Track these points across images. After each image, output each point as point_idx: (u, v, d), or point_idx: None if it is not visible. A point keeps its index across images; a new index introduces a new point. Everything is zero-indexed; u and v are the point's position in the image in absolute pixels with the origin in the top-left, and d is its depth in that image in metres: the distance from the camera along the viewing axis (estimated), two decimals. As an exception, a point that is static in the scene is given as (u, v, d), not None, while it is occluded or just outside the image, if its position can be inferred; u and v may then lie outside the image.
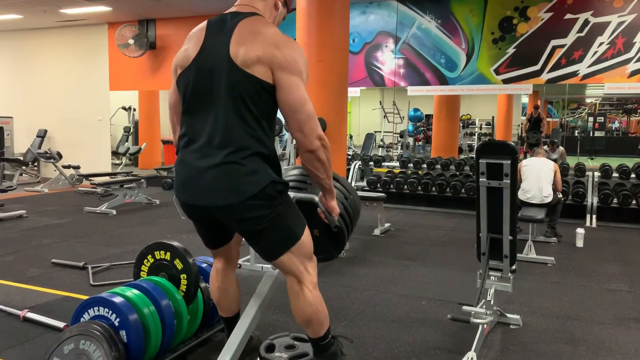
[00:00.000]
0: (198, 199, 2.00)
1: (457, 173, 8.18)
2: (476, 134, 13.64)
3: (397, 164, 8.72)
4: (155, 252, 2.86)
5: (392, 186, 7.98)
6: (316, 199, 2.18)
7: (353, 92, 9.53)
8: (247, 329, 2.27)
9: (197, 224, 2.24)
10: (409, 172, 8.36)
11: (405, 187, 7.96)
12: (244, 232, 2.10)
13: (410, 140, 13.00)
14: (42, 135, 10.42)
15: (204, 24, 2.08)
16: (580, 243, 5.52)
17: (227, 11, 2.08)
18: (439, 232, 6.25)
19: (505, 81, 7.73)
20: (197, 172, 1.97)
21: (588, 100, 16.62)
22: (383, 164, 8.88)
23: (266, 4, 2.10)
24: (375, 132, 12.93)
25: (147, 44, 9.64)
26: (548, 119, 13.87)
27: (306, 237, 2.12)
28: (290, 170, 2.47)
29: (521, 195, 5.31)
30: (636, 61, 7.03)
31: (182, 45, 2.11)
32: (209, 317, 2.95)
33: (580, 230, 5.56)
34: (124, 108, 12.53)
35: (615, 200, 6.87)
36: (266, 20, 2.05)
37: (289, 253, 2.07)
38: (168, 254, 2.82)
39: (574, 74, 7.33)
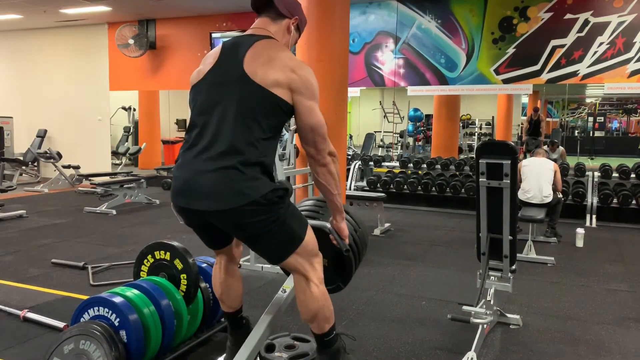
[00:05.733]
0: (196, 204, 1.98)
1: (457, 173, 8.18)
2: (476, 134, 13.65)
3: (397, 164, 8.72)
4: (155, 252, 2.86)
5: (392, 186, 7.98)
6: (328, 225, 2.25)
7: (353, 92, 9.52)
8: (254, 347, 2.27)
9: (196, 229, 2.22)
10: (409, 172, 8.37)
11: (405, 187, 7.96)
12: (245, 238, 2.10)
13: (410, 140, 13.00)
14: (42, 135, 10.41)
15: (219, 46, 2.16)
16: (580, 243, 5.52)
17: (242, 34, 2.16)
18: (439, 232, 6.25)
19: (505, 81, 7.72)
20: (195, 175, 1.97)
21: (588, 100, 16.62)
22: (383, 164, 8.88)
23: (279, 27, 2.16)
24: (375, 132, 12.93)
25: (147, 44, 9.64)
26: (548, 119, 13.87)
27: (309, 236, 2.14)
28: (304, 201, 2.57)
29: (521, 195, 5.31)
30: (636, 61, 7.02)
31: (199, 65, 2.18)
32: (209, 317, 2.95)
33: (580, 230, 5.57)
34: (124, 108, 12.52)
35: (615, 200, 6.87)
36: (280, 44, 2.14)
37: (294, 254, 2.09)
38: (168, 254, 2.82)
39: (574, 74, 7.33)
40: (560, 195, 5.56)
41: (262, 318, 2.34)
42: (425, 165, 8.33)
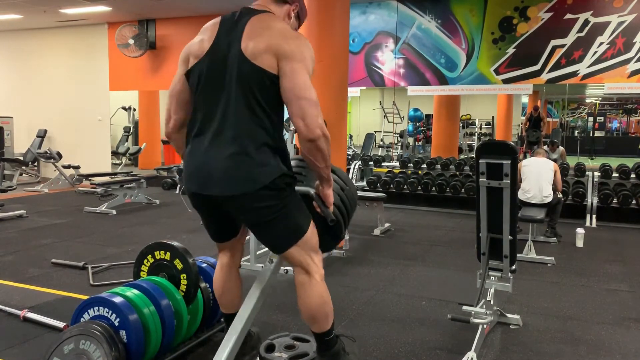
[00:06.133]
0: (209, 189, 2.02)
1: (457, 173, 8.18)
2: (476, 134, 13.64)
3: (397, 164, 8.72)
4: (155, 252, 2.86)
5: (392, 186, 7.97)
6: (312, 191, 2.18)
7: (353, 92, 9.52)
8: (246, 319, 2.24)
9: (205, 216, 2.26)
10: (409, 172, 8.36)
11: (405, 187, 7.96)
12: (252, 223, 2.12)
13: (410, 140, 13.00)
14: (42, 135, 10.41)
15: (217, 19, 2.13)
16: (580, 243, 5.52)
17: (242, 8, 2.12)
18: (439, 232, 6.25)
19: (505, 81, 7.73)
20: (207, 162, 2.00)
21: (588, 100, 16.62)
22: (383, 164, 8.88)
23: (280, 10, 2.16)
24: (375, 132, 12.93)
25: (147, 44, 9.64)
26: (548, 119, 13.87)
27: (311, 231, 2.16)
28: None
29: (521, 195, 5.31)
30: (636, 61, 7.03)
31: (196, 36, 2.15)
32: (209, 317, 2.95)
33: (580, 230, 5.57)
34: (124, 108, 12.53)
35: (615, 200, 6.87)
36: (278, 17, 2.11)
37: (296, 246, 2.11)
38: (168, 254, 2.82)
39: (574, 74, 7.33)
40: (560, 195, 5.56)
41: (252, 291, 2.30)
42: (425, 165, 8.33)
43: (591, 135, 16.18)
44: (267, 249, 2.30)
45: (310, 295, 2.15)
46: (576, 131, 16.69)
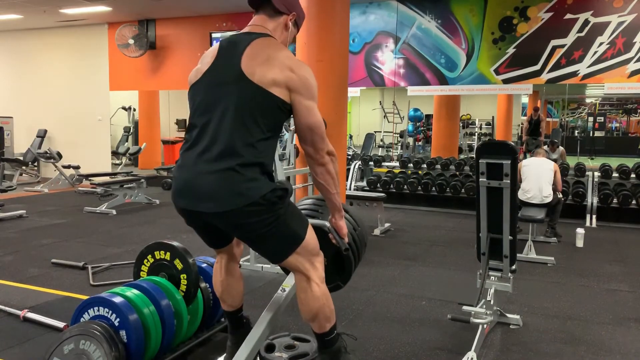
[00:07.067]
0: (197, 205, 1.99)
1: (457, 173, 8.19)
2: (476, 134, 13.65)
3: (397, 164, 8.73)
4: (155, 252, 2.86)
5: (392, 186, 7.98)
6: (327, 224, 2.26)
7: (353, 92, 9.52)
8: (254, 344, 2.28)
9: (197, 229, 2.24)
10: (409, 172, 8.37)
11: (405, 187, 7.96)
12: (246, 238, 2.11)
13: (410, 140, 13.00)
14: (42, 135, 10.42)
15: (217, 44, 2.16)
16: (580, 243, 5.52)
17: (239, 32, 2.15)
18: (439, 232, 6.25)
19: (505, 81, 7.72)
20: (195, 176, 1.98)
21: (588, 100, 16.61)
22: (383, 164, 8.89)
23: (277, 24, 2.16)
24: (375, 132, 12.94)
25: (147, 44, 9.64)
26: (548, 119, 13.87)
27: (310, 235, 2.15)
28: (303, 200, 2.58)
29: (521, 195, 5.31)
30: (636, 61, 7.02)
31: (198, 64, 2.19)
32: (209, 317, 2.95)
33: (580, 230, 5.57)
34: (124, 108, 12.53)
35: (615, 200, 6.87)
36: (278, 42, 2.13)
37: (294, 254, 2.10)
38: (168, 254, 2.82)
39: (574, 74, 7.33)
40: (560, 196, 5.56)
41: (262, 316, 2.35)
42: (425, 165, 8.33)
43: (591, 135, 16.17)
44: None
45: (310, 298, 2.14)
46: (576, 131, 16.68)
